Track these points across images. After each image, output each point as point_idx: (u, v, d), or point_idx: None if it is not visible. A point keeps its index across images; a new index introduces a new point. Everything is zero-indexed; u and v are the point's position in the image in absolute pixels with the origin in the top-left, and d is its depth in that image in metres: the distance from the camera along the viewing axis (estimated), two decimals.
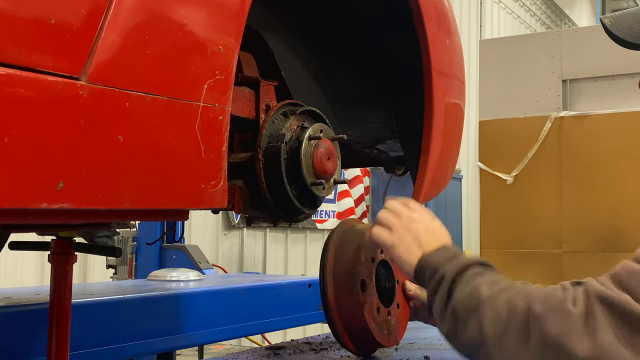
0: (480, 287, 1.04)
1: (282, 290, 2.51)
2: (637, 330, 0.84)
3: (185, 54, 1.02)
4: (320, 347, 1.74)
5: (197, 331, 2.13)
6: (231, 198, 1.38)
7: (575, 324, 0.89)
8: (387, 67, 1.84)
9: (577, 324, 0.89)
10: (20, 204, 0.81)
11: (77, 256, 1.49)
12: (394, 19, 1.74)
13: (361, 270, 1.42)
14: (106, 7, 0.90)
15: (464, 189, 9.15)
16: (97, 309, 1.83)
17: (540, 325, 0.92)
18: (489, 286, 1.04)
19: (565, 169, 3.97)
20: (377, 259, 1.48)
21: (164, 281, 2.59)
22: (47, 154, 0.83)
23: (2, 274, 4.85)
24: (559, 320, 0.90)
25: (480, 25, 11.22)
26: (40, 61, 0.82)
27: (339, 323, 1.45)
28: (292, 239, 7.46)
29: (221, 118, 1.08)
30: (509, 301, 0.99)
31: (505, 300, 1.00)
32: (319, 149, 1.44)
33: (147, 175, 0.97)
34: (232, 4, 1.12)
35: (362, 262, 1.42)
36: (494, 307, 1.00)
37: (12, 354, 1.61)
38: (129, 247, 4.21)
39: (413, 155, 1.77)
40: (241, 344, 5.92)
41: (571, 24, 14.97)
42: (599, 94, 4.08)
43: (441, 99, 1.71)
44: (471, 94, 8.67)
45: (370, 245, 1.45)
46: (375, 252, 1.48)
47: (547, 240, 3.98)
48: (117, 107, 0.91)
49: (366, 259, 1.44)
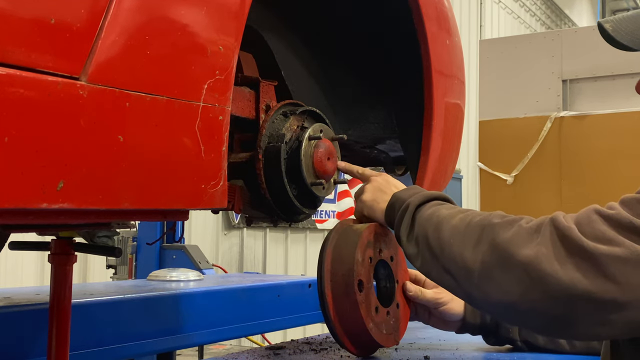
0: (440, 210, 1.19)
1: (282, 290, 2.50)
2: (572, 253, 0.96)
3: (185, 54, 1.02)
4: (320, 347, 1.74)
5: (197, 331, 2.13)
6: (231, 198, 1.38)
7: (523, 235, 1.02)
8: (387, 67, 1.84)
9: (524, 235, 1.02)
10: (20, 204, 0.81)
11: (77, 256, 1.49)
12: (394, 19, 1.74)
13: (359, 270, 1.41)
14: (106, 7, 0.90)
15: (464, 189, 9.15)
16: (97, 309, 1.83)
17: (492, 232, 1.05)
18: (449, 209, 1.19)
19: (565, 169, 3.97)
20: (375, 258, 1.48)
21: (164, 281, 2.59)
22: (47, 154, 0.83)
23: (2, 274, 4.86)
24: (511, 230, 1.03)
25: (480, 25, 11.22)
26: (40, 61, 0.82)
27: (337, 323, 1.45)
28: (292, 239, 7.46)
29: (221, 118, 1.08)
30: (466, 217, 1.12)
31: (462, 217, 1.13)
32: (319, 149, 1.44)
33: (147, 175, 0.97)
34: (232, 4, 1.12)
35: (360, 262, 1.42)
36: (452, 222, 1.13)
37: (12, 354, 1.61)
38: (129, 247, 4.21)
39: (413, 155, 1.77)
40: (241, 344, 5.92)
41: (571, 24, 14.97)
42: (599, 94, 4.08)
43: (441, 99, 1.72)
44: (471, 94, 8.68)
45: (367, 244, 1.45)
46: (374, 252, 1.47)
47: None
48: (117, 107, 0.91)
49: (364, 259, 1.44)
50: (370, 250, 1.46)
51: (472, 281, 1.05)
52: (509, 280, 1.00)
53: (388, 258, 1.53)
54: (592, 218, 0.99)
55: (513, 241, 1.02)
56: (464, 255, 1.07)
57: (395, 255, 1.55)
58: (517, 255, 1.00)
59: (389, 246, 1.53)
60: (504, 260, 1.01)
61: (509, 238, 1.02)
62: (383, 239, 1.51)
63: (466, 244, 1.08)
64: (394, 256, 1.54)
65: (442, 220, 1.16)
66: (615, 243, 0.95)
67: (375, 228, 1.48)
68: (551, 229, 1.00)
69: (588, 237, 0.96)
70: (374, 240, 1.48)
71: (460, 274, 1.08)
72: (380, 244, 1.50)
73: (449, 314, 1.55)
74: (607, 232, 0.96)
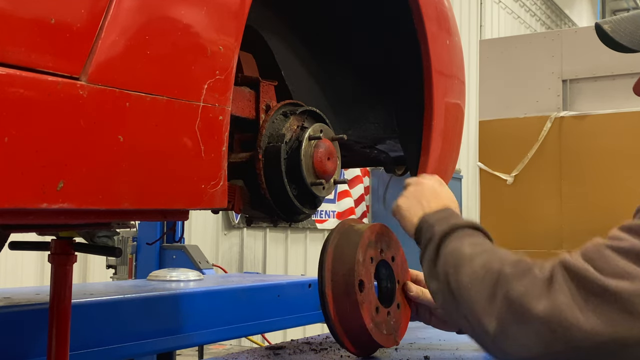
0: (463, 247, 1.13)
1: (282, 290, 2.50)
2: (592, 294, 0.91)
3: (185, 54, 1.02)
4: (320, 347, 1.74)
5: (197, 331, 2.13)
6: (231, 198, 1.38)
7: (537, 286, 0.96)
8: (387, 67, 1.84)
9: (539, 286, 0.96)
10: (20, 204, 0.81)
11: (77, 256, 1.49)
12: (394, 19, 1.74)
13: (360, 270, 1.42)
14: (106, 7, 0.90)
15: (464, 189, 9.15)
16: (97, 309, 1.83)
17: (506, 285, 1.00)
18: (472, 247, 1.12)
19: (565, 169, 3.97)
20: (376, 259, 1.49)
21: (164, 281, 2.59)
22: (47, 154, 0.83)
23: (2, 274, 4.86)
24: (524, 281, 0.98)
25: (480, 25, 11.22)
26: (41, 61, 0.82)
27: (337, 323, 1.45)
28: (292, 239, 7.46)
29: (221, 118, 1.08)
30: (486, 261, 1.07)
31: (483, 260, 1.07)
32: (319, 149, 1.44)
33: (147, 175, 0.97)
34: (232, 4, 1.12)
35: (361, 262, 1.42)
36: (473, 264, 1.08)
37: (12, 354, 1.61)
38: (129, 247, 4.21)
39: (413, 155, 1.77)
40: (241, 344, 5.92)
41: (571, 24, 14.97)
42: (599, 94, 4.08)
43: (441, 99, 1.72)
44: (471, 94, 8.67)
45: (369, 245, 1.45)
46: (375, 252, 1.48)
47: (547, 240, 3.98)
48: (117, 107, 0.91)
49: (365, 259, 1.44)
50: (371, 250, 1.46)
51: (489, 337, 1.00)
52: (528, 335, 0.95)
53: (389, 258, 1.53)
54: (605, 254, 0.94)
55: (528, 293, 0.96)
56: (479, 307, 1.02)
57: (396, 255, 1.55)
58: (534, 309, 0.94)
59: (390, 246, 1.53)
60: (520, 315, 0.96)
61: (523, 291, 0.97)
62: (385, 239, 1.52)
63: (482, 294, 1.03)
64: (395, 256, 1.55)
65: (463, 259, 1.10)
66: (639, 277, 0.89)
67: (377, 228, 1.48)
68: (563, 273, 0.95)
69: (607, 275, 0.91)
70: (375, 240, 1.48)
71: (477, 327, 1.03)
72: (382, 244, 1.50)
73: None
74: (627, 267, 0.91)
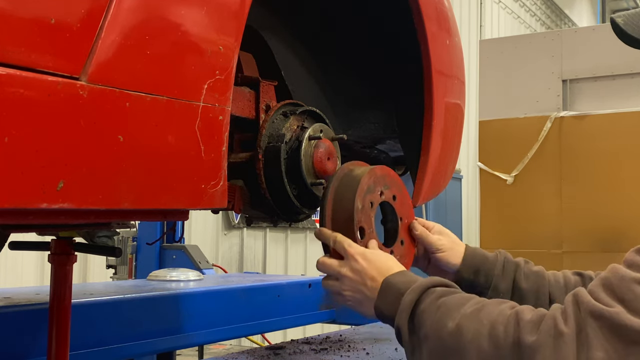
0: (444, 327, 1.02)
1: (282, 290, 2.51)
2: (631, 343, 0.82)
3: (185, 54, 1.02)
4: (320, 347, 1.74)
5: (197, 331, 2.13)
6: (231, 198, 1.38)
7: (568, 349, 0.86)
8: (387, 67, 1.84)
9: (570, 347, 0.86)
10: (20, 204, 0.81)
11: (77, 256, 1.49)
12: (394, 19, 1.74)
13: (359, 218, 1.39)
14: (106, 7, 0.90)
15: (464, 189, 9.15)
16: (97, 309, 1.84)
17: (532, 356, 0.89)
18: (446, 322, 1.02)
19: (565, 169, 3.97)
20: (376, 202, 1.46)
21: (164, 281, 2.59)
22: (47, 154, 0.83)
23: (2, 274, 4.86)
24: (552, 347, 0.88)
25: (480, 25, 11.22)
26: (40, 61, 0.82)
27: None
28: (292, 239, 7.46)
29: (221, 118, 1.08)
30: (490, 332, 0.95)
31: (486, 331, 0.96)
32: (319, 149, 1.44)
33: (147, 175, 0.97)
34: (232, 4, 1.12)
35: (360, 210, 1.40)
36: (478, 342, 0.97)
37: (12, 354, 1.61)
38: (129, 247, 4.21)
39: (413, 155, 1.77)
40: (241, 344, 5.92)
41: (571, 24, 14.97)
42: (599, 94, 4.08)
43: (441, 99, 1.71)
44: (471, 94, 8.68)
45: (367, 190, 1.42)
46: (374, 196, 1.45)
47: (547, 240, 3.98)
48: (117, 107, 0.91)
49: (364, 206, 1.42)
50: (370, 195, 1.43)
51: None
52: None
53: (390, 198, 1.48)
54: (636, 291, 0.85)
55: (561, 357, 0.86)
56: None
57: (398, 193, 1.51)
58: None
59: (391, 186, 1.48)
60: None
61: (556, 358, 0.86)
62: (385, 180, 1.48)
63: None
64: (397, 195, 1.50)
65: (463, 341, 0.99)
66: None
67: (377, 171, 1.45)
68: (593, 324, 0.85)
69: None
70: (374, 184, 1.45)
71: None
72: (381, 186, 1.46)
73: (445, 263, 1.48)
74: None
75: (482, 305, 1.03)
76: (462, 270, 1.48)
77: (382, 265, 1.23)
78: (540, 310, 0.96)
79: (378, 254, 1.28)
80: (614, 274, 0.88)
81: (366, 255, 1.26)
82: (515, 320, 0.95)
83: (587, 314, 0.86)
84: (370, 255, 1.26)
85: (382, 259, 1.26)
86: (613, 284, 0.87)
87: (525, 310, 0.97)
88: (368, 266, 1.23)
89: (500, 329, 0.95)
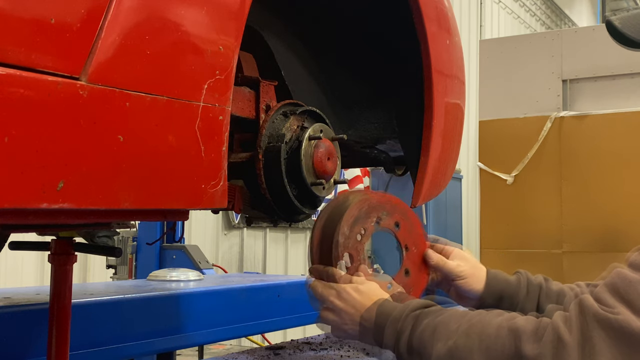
0: (435, 346, 1.04)
1: (282, 290, 2.51)
2: (638, 346, 0.82)
3: (185, 54, 1.02)
4: (320, 347, 1.74)
5: (197, 331, 2.13)
6: (231, 198, 1.38)
7: (573, 357, 0.85)
8: (387, 67, 1.84)
9: (574, 356, 0.85)
10: (20, 204, 0.81)
11: (77, 256, 1.49)
12: (394, 19, 1.74)
13: (345, 244, 1.38)
14: (106, 7, 0.90)
15: (464, 189, 9.12)
16: (97, 309, 1.83)
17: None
18: (443, 342, 1.03)
19: (565, 169, 3.97)
20: (369, 230, 1.43)
21: (164, 281, 2.59)
22: (47, 154, 0.83)
23: (2, 274, 4.85)
24: (554, 357, 0.87)
25: (480, 25, 11.22)
26: (40, 61, 0.82)
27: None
28: (292, 239, 7.46)
29: (221, 118, 1.08)
30: (490, 346, 0.95)
31: (486, 345, 0.95)
32: (319, 149, 1.44)
33: (147, 175, 0.97)
34: (232, 4, 1.12)
35: (347, 236, 1.38)
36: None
37: (12, 354, 1.61)
38: (129, 247, 4.21)
39: (413, 155, 1.77)
40: (241, 344, 5.92)
41: (571, 24, 14.97)
42: (599, 94, 4.08)
43: (441, 99, 1.71)
44: (471, 94, 8.68)
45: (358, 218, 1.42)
46: (368, 223, 1.43)
47: (547, 240, 3.98)
48: (117, 107, 0.91)
49: (352, 232, 1.40)
50: (362, 222, 1.41)
51: None
52: None
53: (391, 225, 1.45)
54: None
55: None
56: None
57: (403, 220, 1.47)
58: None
59: (392, 212, 1.46)
60: None
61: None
62: (384, 207, 1.45)
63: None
64: (400, 222, 1.47)
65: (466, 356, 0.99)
66: None
67: (373, 199, 1.43)
68: (599, 330, 0.83)
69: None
70: (367, 211, 1.42)
71: None
72: (378, 213, 1.44)
73: (467, 290, 1.46)
74: None
75: (478, 319, 1.04)
76: (485, 296, 1.45)
77: (365, 298, 1.28)
78: (541, 320, 0.96)
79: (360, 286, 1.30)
80: (620, 278, 0.88)
81: (347, 289, 1.31)
82: (513, 331, 0.95)
83: (593, 320, 0.85)
84: (354, 288, 1.30)
85: (372, 289, 1.30)
86: (619, 288, 0.87)
87: (524, 320, 0.97)
88: (345, 305, 1.29)
89: (498, 342, 0.94)
